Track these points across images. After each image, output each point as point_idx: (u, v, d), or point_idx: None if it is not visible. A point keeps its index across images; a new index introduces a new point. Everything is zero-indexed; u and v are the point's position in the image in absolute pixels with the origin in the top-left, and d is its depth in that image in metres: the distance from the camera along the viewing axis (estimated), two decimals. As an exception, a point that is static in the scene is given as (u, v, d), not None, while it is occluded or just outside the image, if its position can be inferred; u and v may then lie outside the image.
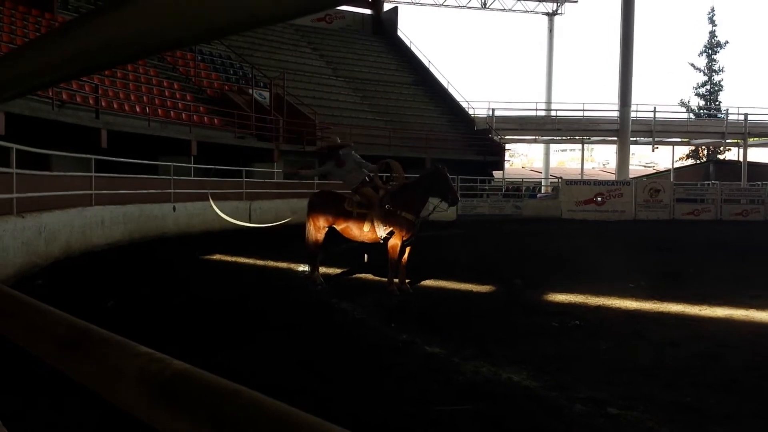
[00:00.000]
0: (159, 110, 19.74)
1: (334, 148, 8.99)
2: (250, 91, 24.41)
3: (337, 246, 10.08)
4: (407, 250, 8.43)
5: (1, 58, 0.93)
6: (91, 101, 16.90)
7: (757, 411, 4.16)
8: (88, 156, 12.56)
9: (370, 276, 9.42)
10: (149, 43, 0.58)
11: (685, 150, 48.65)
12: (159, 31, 0.54)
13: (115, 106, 18.18)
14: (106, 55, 0.63)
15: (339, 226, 8.66)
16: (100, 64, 0.70)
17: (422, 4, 42.00)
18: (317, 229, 8.81)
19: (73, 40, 0.64)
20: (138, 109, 19.00)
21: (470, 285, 8.98)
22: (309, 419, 0.49)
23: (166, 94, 21.46)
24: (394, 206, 8.19)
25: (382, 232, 8.37)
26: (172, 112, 20.22)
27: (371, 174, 8.71)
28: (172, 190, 15.25)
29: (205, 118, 21.52)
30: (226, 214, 16.98)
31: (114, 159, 13.52)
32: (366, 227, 8.39)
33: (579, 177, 34.37)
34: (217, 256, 11.56)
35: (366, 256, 8.71)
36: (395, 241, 8.24)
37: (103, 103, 17.15)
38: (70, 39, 0.65)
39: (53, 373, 0.96)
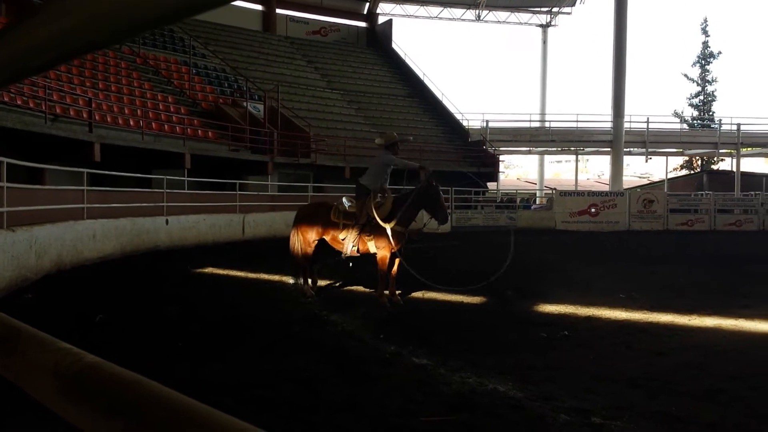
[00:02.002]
0: (153, 123, 19.78)
1: (392, 144, 8.51)
2: (245, 104, 24.47)
3: (330, 258, 10.04)
4: (396, 261, 8.38)
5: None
6: (84, 115, 16.93)
7: (740, 421, 4.17)
8: (81, 170, 12.59)
9: (361, 288, 9.42)
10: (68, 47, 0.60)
11: (678, 160, 48.95)
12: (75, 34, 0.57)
13: (108, 119, 18.21)
14: (34, 59, 0.65)
15: (327, 237, 8.67)
16: (29, 69, 0.73)
17: (416, 17, 42.28)
18: (307, 242, 8.78)
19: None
20: (132, 123, 19.03)
21: (461, 296, 8.98)
22: (204, 409, 0.51)
23: (161, 107, 21.52)
24: (382, 218, 8.16)
25: (350, 247, 8.31)
26: (166, 126, 20.25)
27: (380, 191, 8.48)
28: (165, 204, 15.24)
29: (199, 131, 21.55)
30: (221, 227, 17.02)
31: (107, 173, 13.55)
32: (342, 236, 8.37)
33: (573, 188, 34.46)
34: (209, 270, 11.56)
35: (350, 263, 8.68)
36: (384, 253, 8.22)
37: (96, 117, 17.15)
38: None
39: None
